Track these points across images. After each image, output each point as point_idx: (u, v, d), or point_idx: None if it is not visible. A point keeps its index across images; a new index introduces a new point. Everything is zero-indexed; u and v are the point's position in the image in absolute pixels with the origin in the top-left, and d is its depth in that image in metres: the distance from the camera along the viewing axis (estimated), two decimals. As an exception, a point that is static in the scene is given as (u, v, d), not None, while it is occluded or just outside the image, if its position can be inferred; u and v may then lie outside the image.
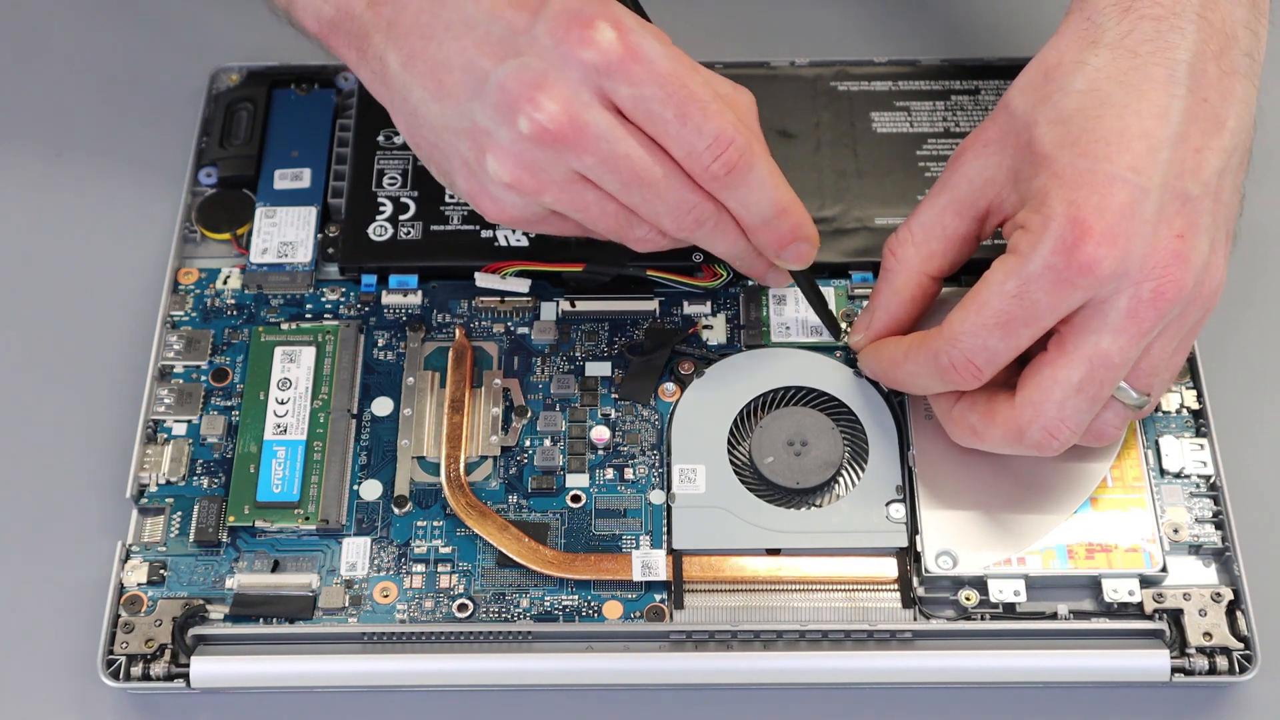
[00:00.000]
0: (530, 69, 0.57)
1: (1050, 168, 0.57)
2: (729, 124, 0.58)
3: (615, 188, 0.59)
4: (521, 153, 0.58)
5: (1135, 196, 0.56)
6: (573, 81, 0.57)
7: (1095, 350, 0.57)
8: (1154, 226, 0.56)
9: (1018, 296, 0.57)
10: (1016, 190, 0.60)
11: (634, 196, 0.59)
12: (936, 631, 0.62)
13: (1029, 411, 0.58)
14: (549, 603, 0.63)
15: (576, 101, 0.57)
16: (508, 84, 0.57)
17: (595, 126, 0.57)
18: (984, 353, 0.58)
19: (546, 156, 0.58)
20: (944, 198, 0.62)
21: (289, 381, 0.67)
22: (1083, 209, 0.56)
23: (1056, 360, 0.58)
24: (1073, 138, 0.57)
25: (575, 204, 0.60)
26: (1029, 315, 0.57)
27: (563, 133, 0.57)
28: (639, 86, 0.57)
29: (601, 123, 0.57)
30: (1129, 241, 0.56)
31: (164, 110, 0.77)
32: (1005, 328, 0.57)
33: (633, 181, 0.58)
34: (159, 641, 0.62)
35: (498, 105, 0.58)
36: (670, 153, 0.58)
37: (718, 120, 0.58)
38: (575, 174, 0.59)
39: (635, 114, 0.58)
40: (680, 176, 0.59)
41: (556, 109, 0.57)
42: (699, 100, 0.57)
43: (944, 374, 0.59)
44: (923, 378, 0.61)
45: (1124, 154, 0.56)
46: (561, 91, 0.57)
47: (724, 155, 0.58)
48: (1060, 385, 0.58)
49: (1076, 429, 0.58)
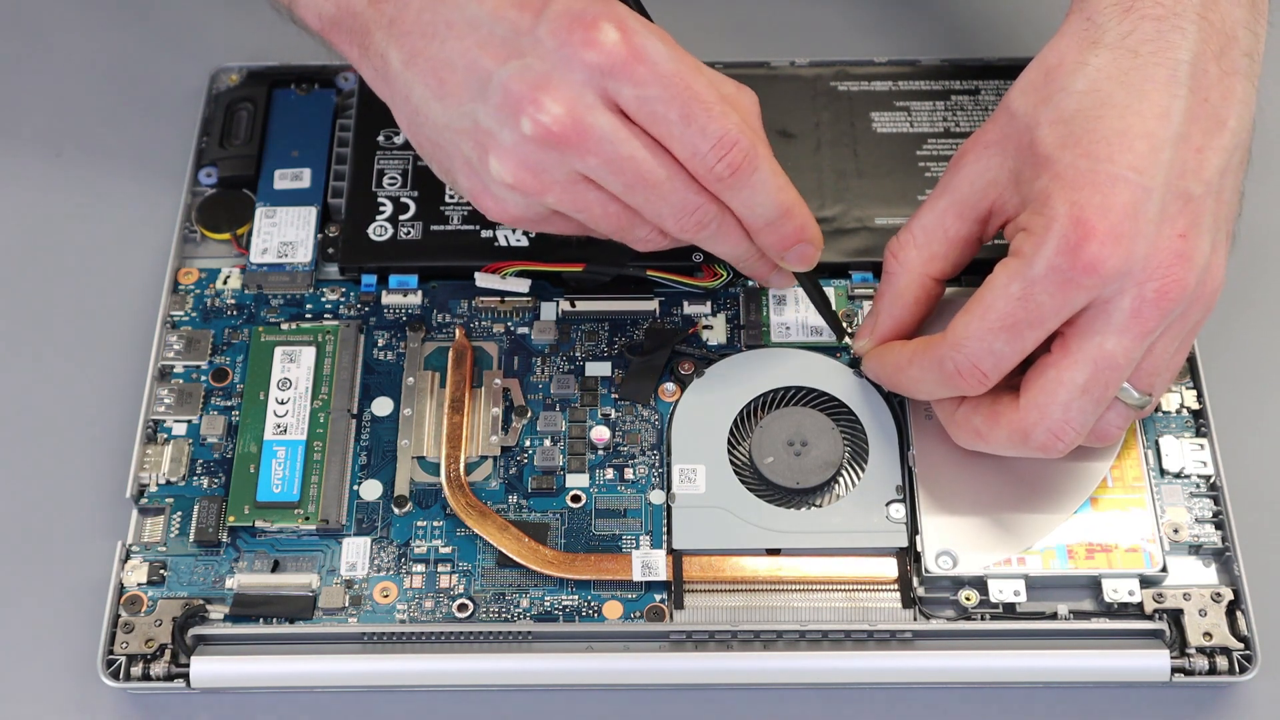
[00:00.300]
0: (533, 70, 0.57)
1: (1052, 169, 0.57)
2: (733, 125, 0.58)
3: (618, 189, 0.59)
4: (524, 154, 0.58)
5: (1138, 196, 0.56)
6: (576, 83, 0.57)
7: (1100, 351, 0.57)
8: (1157, 226, 0.56)
9: (1022, 299, 0.57)
10: (1018, 192, 0.60)
11: (637, 198, 0.59)
12: (936, 631, 0.62)
13: (1034, 414, 0.58)
14: (549, 603, 0.63)
15: (580, 103, 0.57)
16: (511, 85, 0.57)
17: (598, 128, 0.57)
18: (989, 357, 0.58)
19: (549, 158, 0.58)
20: (945, 200, 0.62)
21: (289, 381, 0.67)
22: (1085, 209, 0.56)
23: (1061, 362, 0.58)
24: (1074, 138, 0.57)
25: (578, 204, 0.60)
26: (1034, 317, 0.57)
27: (566, 134, 0.57)
28: (642, 87, 0.57)
29: (605, 124, 0.57)
30: (1132, 241, 0.56)
31: (164, 110, 0.77)
32: (1010, 331, 0.57)
33: (636, 183, 0.58)
34: (159, 641, 0.62)
35: (500, 106, 0.58)
36: (674, 154, 0.58)
37: (721, 121, 0.57)
38: (578, 175, 0.59)
39: (639, 115, 0.58)
40: (684, 178, 0.59)
41: (560, 111, 0.57)
42: (703, 101, 0.57)
43: (949, 379, 0.59)
44: (927, 383, 0.61)
45: (1126, 154, 0.56)
46: (565, 93, 0.57)
47: (728, 156, 0.58)
48: (1065, 387, 0.58)
49: (1081, 430, 0.58)
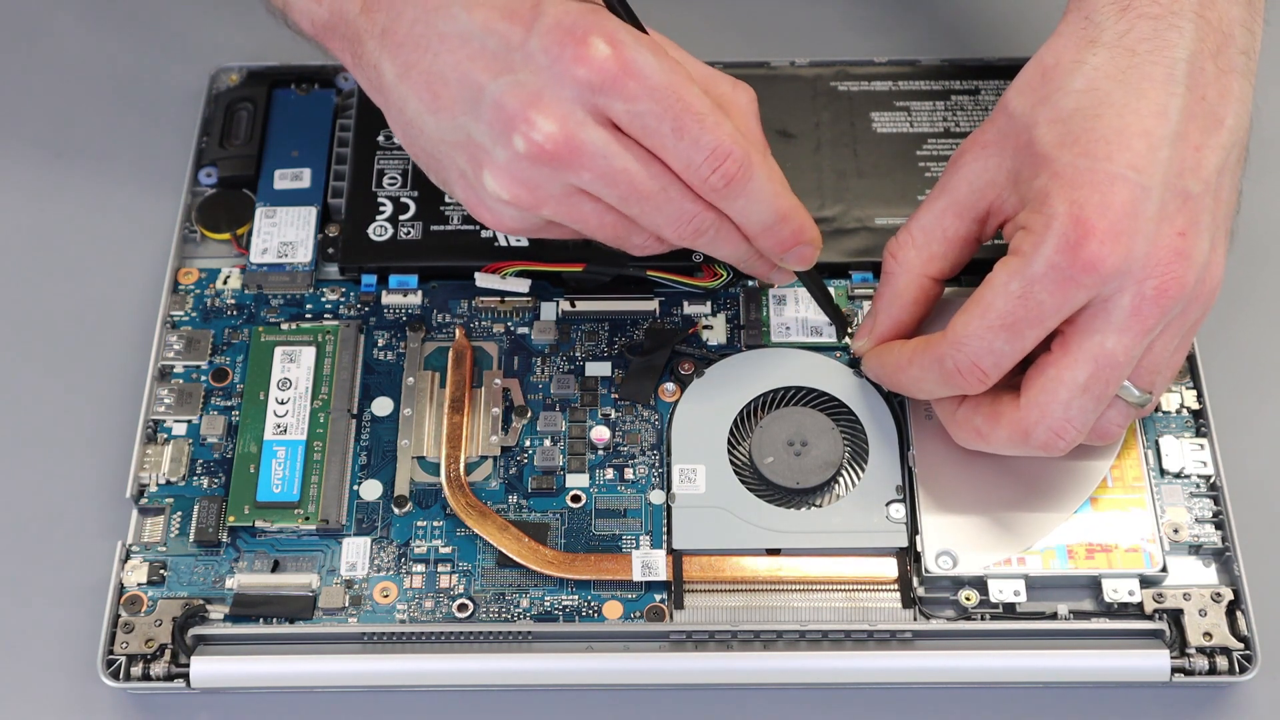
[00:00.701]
0: (525, 87, 0.57)
1: (1050, 167, 0.57)
2: (726, 135, 0.58)
3: (614, 200, 0.59)
4: (518, 171, 0.58)
5: (1137, 195, 0.56)
6: (567, 100, 0.57)
7: (1100, 349, 0.57)
8: (1156, 224, 0.56)
9: (1022, 297, 0.57)
10: (1017, 191, 0.60)
11: (633, 209, 0.59)
12: (936, 631, 0.62)
13: (1035, 413, 0.58)
14: (549, 603, 0.63)
15: (572, 120, 0.57)
16: (503, 101, 0.57)
17: (591, 144, 0.57)
18: (990, 355, 0.58)
19: (543, 174, 0.58)
20: (944, 200, 0.62)
21: (289, 381, 0.67)
22: (1085, 208, 0.56)
23: (1061, 360, 0.58)
24: (1073, 137, 0.57)
25: (573, 216, 0.60)
26: (1034, 316, 0.57)
27: (559, 152, 0.57)
28: (634, 102, 0.57)
29: (597, 140, 0.57)
30: (1132, 239, 0.56)
31: (164, 110, 0.77)
32: (1010, 329, 0.57)
33: (631, 195, 0.58)
34: (159, 641, 0.62)
35: (492, 123, 0.58)
36: (668, 165, 0.58)
37: (714, 133, 0.57)
38: (573, 188, 0.59)
39: (631, 129, 0.57)
40: (679, 188, 0.59)
41: (552, 128, 0.57)
42: (695, 113, 0.57)
43: (949, 379, 0.59)
44: (928, 382, 0.61)
45: (1124, 152, 0.56)
46: (557, 110, 0.57)
47: (722, 168, 0.58)
48: (1066, 386, 0.58)
49: (1083, 428, 0.58)
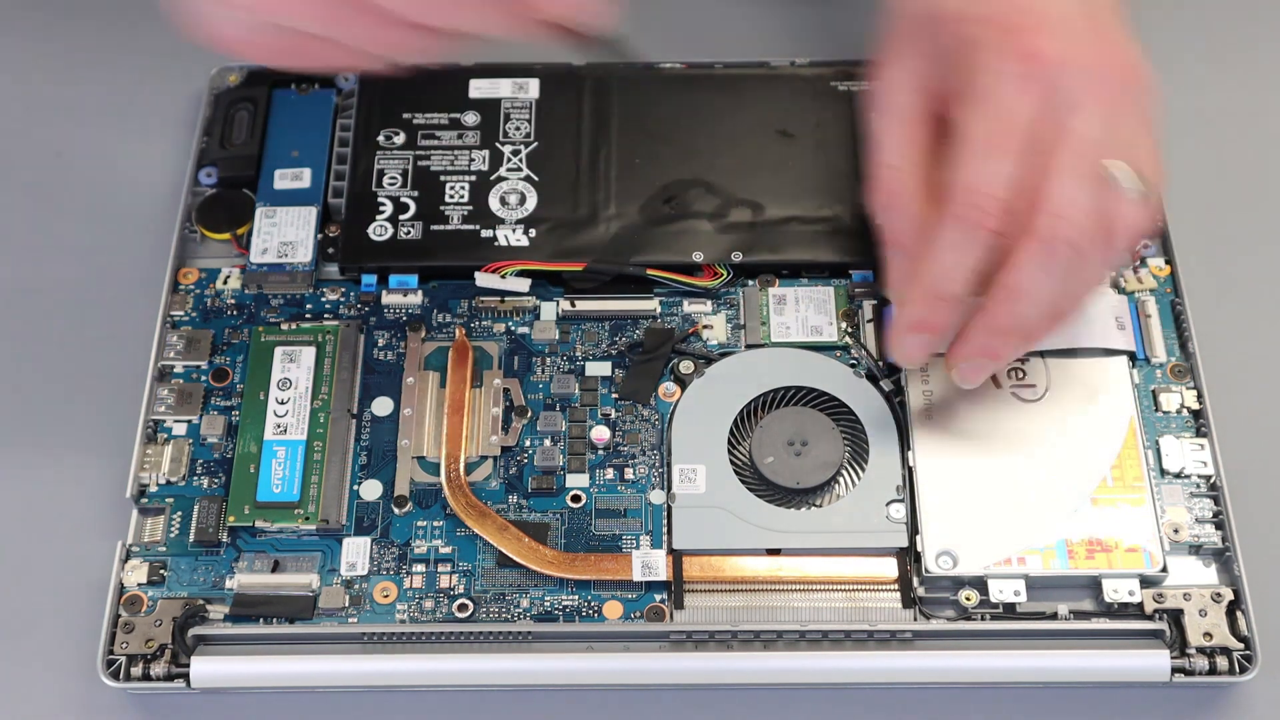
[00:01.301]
0: None
1: (967, 19, 0.61)
2: None
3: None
4: None
5: (1048, 5, 0.61)
6: None
7: (1071, 135, 0.59)
8: (1076, 22, 0.61)
9: (994, 118, 0.60)
10: (949, 64, 0.62)
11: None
12: (936, 631, 0.62)
13: (1046, 220, 0.59)
14: (549, 603, 0.63)
15: None
16: None
17: None
18: (995, 179, 0.59)
19: None
20: (895, 121, 0.63)
21: (289, 381, 0.67)
22: (1010, 18, 0.61)
23: (1048, 165, 0.59)
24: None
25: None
26: (1010, 127, 0.59)
27: None
28: None
29: None
30: (1057, 33, 0.61)
31: (164, 110, 0.77)
32: (1001, 149, 0.59)
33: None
34: (159, 641, 0.62)
35: None
36: None
37: None
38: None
39: None
40: None
41: None
42: None
43: (967, 217, 0.59)
44: (958, 249, 0.60)
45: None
46: None
47: None
48: (1056, 175, 0.59)
49: (1089, 212, 0.59)
